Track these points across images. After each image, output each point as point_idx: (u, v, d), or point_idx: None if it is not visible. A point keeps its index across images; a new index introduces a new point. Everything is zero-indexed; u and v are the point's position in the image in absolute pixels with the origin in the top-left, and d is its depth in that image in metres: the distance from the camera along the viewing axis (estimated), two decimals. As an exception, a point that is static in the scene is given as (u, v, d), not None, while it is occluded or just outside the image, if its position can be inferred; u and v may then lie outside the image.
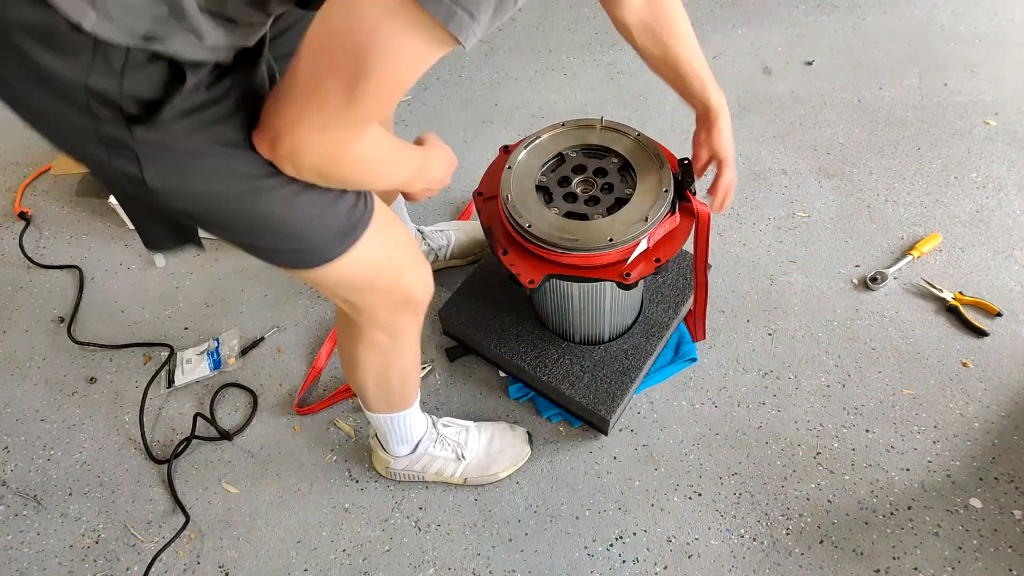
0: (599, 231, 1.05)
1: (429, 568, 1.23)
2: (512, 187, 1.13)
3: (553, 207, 1.11)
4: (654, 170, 1.10)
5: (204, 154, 0.68)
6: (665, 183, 1.08)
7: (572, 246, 1.04)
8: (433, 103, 1.93)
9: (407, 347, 1.02)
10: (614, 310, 1.26)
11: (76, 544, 1.29)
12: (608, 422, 1.28)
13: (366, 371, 1.03)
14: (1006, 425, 1.32)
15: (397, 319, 0.95)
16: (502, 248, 1.11)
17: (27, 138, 1.90)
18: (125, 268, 1.66)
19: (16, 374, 1.51)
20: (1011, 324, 1.43)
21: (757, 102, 1.87)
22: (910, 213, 1.62)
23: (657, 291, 1.39)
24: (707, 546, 1.22)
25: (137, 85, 0.62)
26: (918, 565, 1.18)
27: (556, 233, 1.05)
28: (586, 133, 1.17)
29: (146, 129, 0.64)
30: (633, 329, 1.35)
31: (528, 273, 1.07)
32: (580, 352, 1.33)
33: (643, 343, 1.33)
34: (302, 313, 1.55)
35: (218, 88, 0.67)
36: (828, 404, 1.36)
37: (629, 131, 1.15)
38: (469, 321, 1.39)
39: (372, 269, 0.87)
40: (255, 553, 1.26)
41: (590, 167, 1.14)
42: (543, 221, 1.07)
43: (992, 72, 1.88)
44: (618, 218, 1.06)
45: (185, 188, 0.69)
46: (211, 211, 0.73)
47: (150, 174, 0.67)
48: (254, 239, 0.78)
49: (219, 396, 1.44)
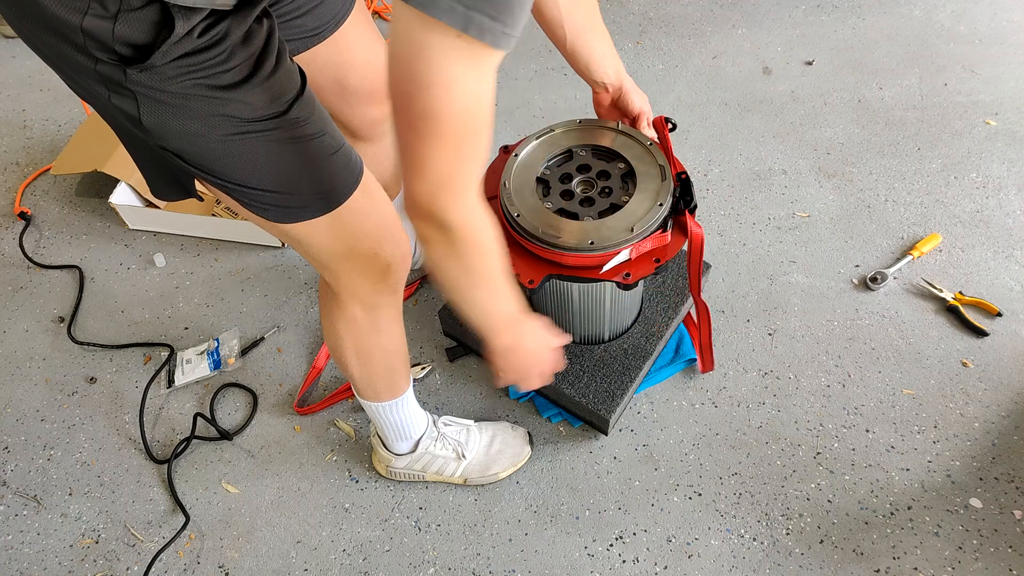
0: (583, 232, 1.05)
1: (429, 568, 1.23)
2: (513, 176, 1.13)
3: (548, 201, 1.11)
4: (655, 181, 1.09)
5: (195, 97, 0.70)
6: (662, 196, 1.07)
7: (553, 242, 1.04)
8: (433, 103, 1.93)
9: (386, 327, 1.03)
10: (614, 311, 1.26)
11: (76, 544, 1.29)
12: (608, 422, 1.28)
13: (348, 351, 1.04)
14: (1006, 425, 1.32)
15: (375, 291, 0.96)
16: None
17: (27, 138, 1.90)
18: (125, 268, 1.66)
19: (16, 374, 1.51)
20: (1011, 324, 1.43)
21: (757, 102, 1.87)
22: (910, 213, 1.62)
23: (657, 291, 1.39)
24: (707, 546, 1.22)
25: (129, 29, 0.65)
26: (918, 565, 1.18)
27: (541, 227, 1.06)
28: (600, 134, 1.17)
29: (139, 71, 0.66)
30: (633, 329, 1.35)
31: (528, 273, 1.08)
32: (580, 352, 1.33)
33: (643, 343, 1.33)
34: (302, 313, 1.55)
35: (212, 34, 0.68)
36: (828, 404, 1.36)
37: (643, 139, 1.14)
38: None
39: (354, 233, 0.88)
40: (255, 553, 1.26)
41: (595, 168, 1.14)
42: (533, 213, 1.08)
43: (992, 72, 1.88)
44: (606, 223, 1.06)
45: (178, 129, 0.71)
46: (202, 153, 0.74)
47: (145, 113, 0.69)
48: (242, 185, 0.78)
49: (219, 396, 1.44)
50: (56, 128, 1.93)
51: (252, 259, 1.65)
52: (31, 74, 2.07)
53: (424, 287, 1.57)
